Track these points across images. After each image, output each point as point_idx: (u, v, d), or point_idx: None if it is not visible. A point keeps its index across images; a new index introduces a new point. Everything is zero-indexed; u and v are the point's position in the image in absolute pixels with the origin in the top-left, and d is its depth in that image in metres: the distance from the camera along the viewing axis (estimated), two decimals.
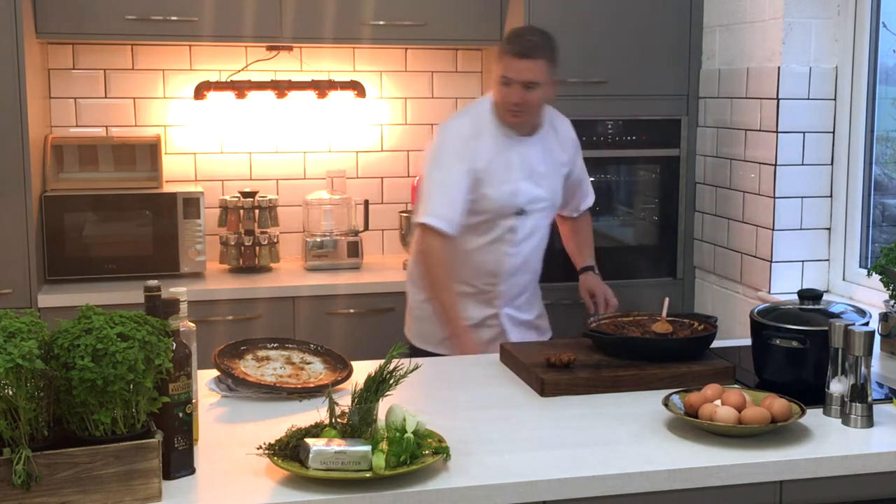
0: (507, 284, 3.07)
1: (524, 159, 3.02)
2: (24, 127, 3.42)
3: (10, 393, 1.61)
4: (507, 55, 2.93)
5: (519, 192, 3.00)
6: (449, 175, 2.94)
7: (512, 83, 2.92)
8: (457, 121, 3.10)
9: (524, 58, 2.91)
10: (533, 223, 3.06)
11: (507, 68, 2.92)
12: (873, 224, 3.45)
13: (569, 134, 3.20)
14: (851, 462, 1.96)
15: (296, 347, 2.52)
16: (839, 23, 3.41)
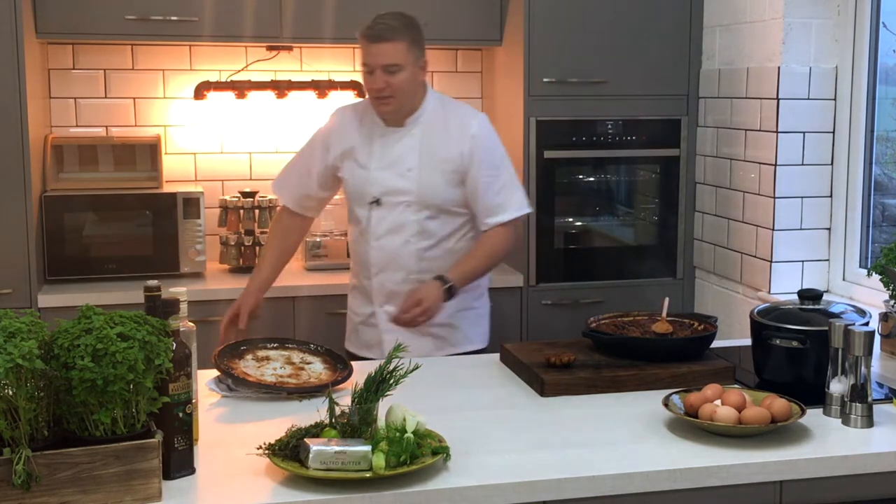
0: (377, 280, 2.97)
1: (388, 149, 2.92)
2: (24, 127, 3.42)
3: (10, 393, 1.61)
4: (363, 41, 2.85)
5: (374, 181, 2.92)
6: (300, 154, 3.09)
7: (373, 69, 2.83)
8: (341, 108, 3.08)
9: (379, 41, 2.82)
10: (396, 217, 2.91)
11: (366, 54, 2.85)
12: (873, 224, 3.45)
13: (467, 132, 2.92)
14: (851, 462, 1.96)
15: (296, 347, 2.52)
16: (839, 23, 3.41)
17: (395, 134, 2.93)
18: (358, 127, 2.97)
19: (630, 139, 3.92)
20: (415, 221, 2.91)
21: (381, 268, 2.96)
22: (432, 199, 2.91)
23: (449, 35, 3.95)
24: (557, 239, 3.94)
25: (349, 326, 3.12)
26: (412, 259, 2.93)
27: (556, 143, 3.86)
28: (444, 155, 2.90)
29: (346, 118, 3.01)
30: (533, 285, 3.88)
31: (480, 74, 4.34)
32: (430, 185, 2.90)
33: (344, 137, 2.97)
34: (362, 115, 2.98)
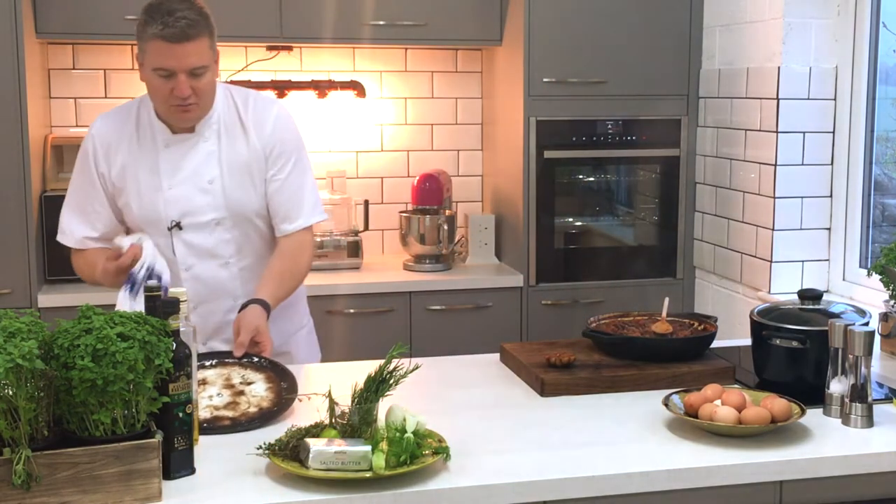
0: (196, 316, 2.49)
1: (180, 161, 2.48)
2: (24, 127, 3.42)
3: (10, 393, 1.61)
4: (158, 40, 2.32)
5: (169, 202, 2.48)
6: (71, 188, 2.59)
7: (175, 73, 2.34)
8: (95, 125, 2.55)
9: (183, 41, 2.32)
10: (205, 239, 2.51)
11: (166, 57, 2.33)
12: (873, 224, 3.45)
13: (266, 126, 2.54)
14: (851, 462, 1.96)
15: (236, 363, 2.27)
16: (839, 23, 3.41)
17: (186, 142, 2.49)
18: (130, 139, 2.49)
19: (630, 139, 3.92)
20: (230, 240, 2.53)
21: (200, 301, 2.52)
22: (244, 210, 2.52)
23: (449, 35, 3.96)
24: (557, 239, 3.94)
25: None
26: (237, 282, 2.56)
27: (556, 143, 3.87)
28: (244, 157, 2.52)
29: (110, 131, 2.51)
30: (533, 285, 3.89)
31: (480, 74, 4.34)
32: (239, 195, 2.51)
33: (113, 156, 2.49)
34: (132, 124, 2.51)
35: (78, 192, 2.56)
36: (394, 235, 4.26)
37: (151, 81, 2.40)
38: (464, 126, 4.36)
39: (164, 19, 2.33)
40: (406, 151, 4.32)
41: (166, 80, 2.37)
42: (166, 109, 2.44)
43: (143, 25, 2.37)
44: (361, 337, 3.74)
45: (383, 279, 3.87)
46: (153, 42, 2.34)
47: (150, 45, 2.35)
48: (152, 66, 2.37)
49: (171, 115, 2.45)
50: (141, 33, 2.38)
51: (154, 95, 2.43)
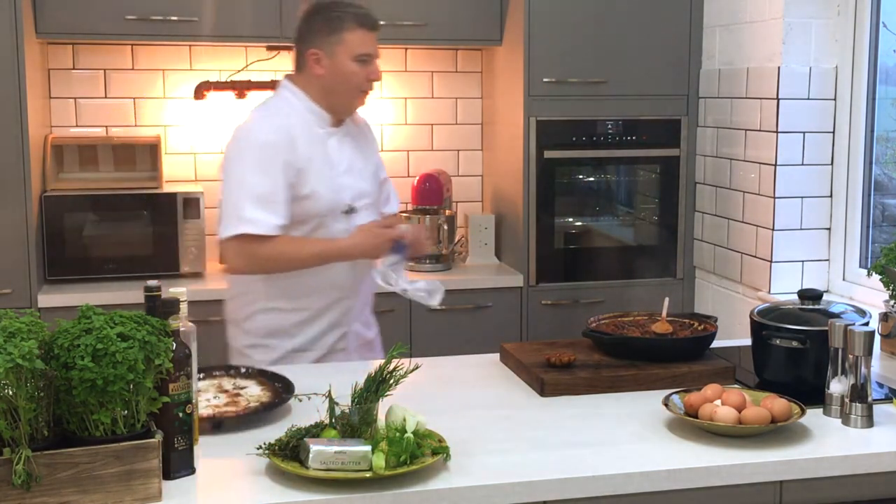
0: (355, 297, 2.76)
1: (341, 151, 2.72)
2: (24, 127, 3.42)
3: (10, 393, 1.61)
4: (361, 29, 2.65)
5: (344, 188, 2.69)
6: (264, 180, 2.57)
7: (371, 59, 2.67)
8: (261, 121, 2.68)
9: (377, 29, 2.69)
10: (364, 220, 2.73)
11: (367, 44, 2.65)
12: (873, 224, 3.45)
13: (367, 125, 2.90)
14: (851, 462, 1.96)
15: (224, 374, 2.31)
16: (839, 23, 3.41)
17: (337, 134, 2.74)
18: (303, 132, 2.66)
19: (630, 139, 3.92)
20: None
21: (358, 280, 2.76)
22: (374, 196, 2.83)
23: (449, 35, 3.96)
24: (557, 239, 3.94)
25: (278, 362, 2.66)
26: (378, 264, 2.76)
27: (556, 143, 3.87)
28: (367, 151, 2.84)
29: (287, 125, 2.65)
30: (533, 285, 3.89)
31: (480, 74, 4.34)
32: (375, 185, 2.84)
33: (296, 148, 2.62)
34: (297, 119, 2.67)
35: (260, 185, 2.58)
36: None
37: (347, 68, 2.65)
38: (464, 126, 4.36)
39: (357, 10, 2.67)
40: (406, 151, 4.32)
41: (363, 65, 2.66)
42: (354, 95, 2.70)
43: (336, 21, 2.64)
44: None
45: None
46: (355, 31, 2.64)
47: (350, 34, 2.64)
48: (354, 54, 2.64)
49: (354, 102, 2.73)
50: (334, 27, 2.64)
51: (348, 81, 2.67)
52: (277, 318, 2.70)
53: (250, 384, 2.27)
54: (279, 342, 2.70)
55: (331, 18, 2.65)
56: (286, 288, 2.68)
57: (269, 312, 2.71)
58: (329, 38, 2.64)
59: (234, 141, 2.66)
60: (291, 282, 2.67)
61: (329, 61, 2.65)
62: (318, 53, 2.66)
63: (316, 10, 2.70)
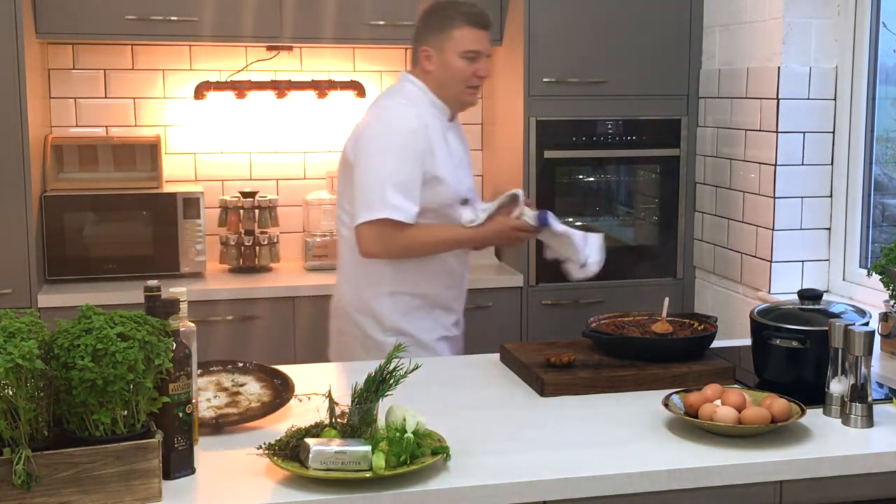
0: (464, 284, 2.95)
1: (455, 145, 2.87)
2: (24, 127, 3.42)
3: (10, 393, 1.61)
4: (470, 26, 2.77)
5: (461, 179, 2.85)
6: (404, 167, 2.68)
7: (479, 57, 2.80)
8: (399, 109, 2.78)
9: (487, 27, 2.81)
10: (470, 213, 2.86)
11: (476, 41, 2.78)
12: (873, 224, 3.45)
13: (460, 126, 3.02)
14: (851, 462, 1.96)
15: (222, 369, 2.27)
16: (839, 23, 3.41)
17: (454, 128, 2.90)
18: (432, 125, 2.78)
19: (630, 139, 3.92)
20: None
21: (467, 266, 2.96)
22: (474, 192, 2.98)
23: None
24: None
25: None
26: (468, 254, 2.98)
27: (556, 143, 3.86)
28: (467, 151, 2.99)
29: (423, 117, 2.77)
30: (533, 285, 3.89)
31: None
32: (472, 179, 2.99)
33: (429, 139, 2.75)
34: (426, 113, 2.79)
35: (401, 172, 2.68)
36: None
37: (454, 65, 2.77)
38: (464, 126, 4.34)
39: (468, 9, 2.77)
40: None
41: (471, 62, 2.77)
42: (463, 92, 2.81)
43: (446, 18, 2.77)
44: None
45: None
46: (464, 28, 2.75)
47: (459, 31, 2.75)
48: (461, 51, 2.76)
49: (464, 98, 2.83)
50: (444, 25, 2.76)
51: (455, 77, 2.78)
52: (403, 303, 2.81)
53: (249, 380, 2.25)
54: (406, 326, 2.79)
55: (441, 17, 2.78)
56: (411, 273, 2.79)
57: (396, 297, 2.81)
58: (439, 36, 2.77)
59: (373, 127, 2.75)
60: (415, 267, 2.79)
61: (438, 58, 2.78)
62: (428, 51, 2.79)
63: (429, 9, 2.84)
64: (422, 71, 2.83)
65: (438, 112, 2.82)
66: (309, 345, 3.70)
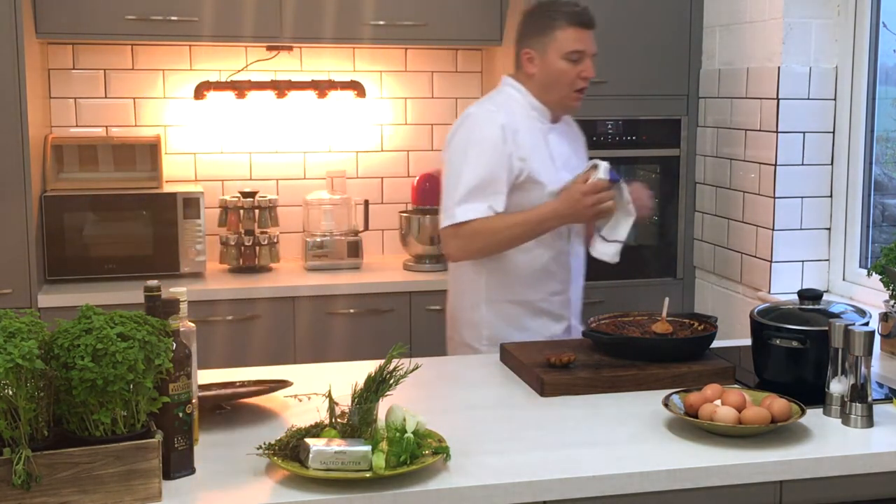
0: (573, 291, 2.85)
1: (559, 147, 2.80)
2: (24, 127, 3.42)
3: (10, 393, 1.61)
4: (574, 26, 2.69)
5: (562, 181, 2.73)
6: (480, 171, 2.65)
7: (583, 57, 2.71)
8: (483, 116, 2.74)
9: (591, 27, 2.72)
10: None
11: (578, 41, 2.69)
12: (873, 224, 3.45)
13: (570, 121, 2.96)
14: (851, 462, 1.96)
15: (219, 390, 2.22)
16: (839, 23, 3.41)
17: (556, 130, 2.82)
18: (525, 126, 2.73)
19: (630, 139, 3.92)
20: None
21: (577, 275, 2.87)
22: None
23: (449, 35, 3.96)
24: None
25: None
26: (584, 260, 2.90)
27: None
28: (580, 151, 2.93)
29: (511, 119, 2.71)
30: None
31: (480, 74, 4.34)
32: None
33: (520, 140, 2.70)
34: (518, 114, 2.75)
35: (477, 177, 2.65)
36: (394, 235, 4.26)
37: (557, 67, 2.70)
38: None
39: (570, 8, 2.70)
40: (406, 151, 4.32)
41: (574, 64, 2.70)
42: (567, 95, 2.74)
43: (547, 19, 2.71)
44: (361, 337, 3.73)
45: (383, 279, 3.87)
46: (567, 29, 2.68)
47: (561, 32, 2.69)
48: (564, 52, 2.69)
49: (568, 101, 2.76)
50: (545, 26, 2.70)
51: (559, 80, 2.72)
52: (503, 311, 2.79)
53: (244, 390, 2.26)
54: (508, 335, 2.75)
55: (543, 18, 2.72)
56: (505, 280, 2.77)
57: (494, 305, 2.79)
58: (541, 38, 2.71)
59: (456, 135, 2.75)
60: (509, 273, 2.76)
61: (540, 60, 2.72)
62: (530, 53, 2.74)
63: (531, 11, 2.79)
64: (524, 74, 2.77)
65: (538, 115, 2.77)
66: (309, 345, 3.71)
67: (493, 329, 2.79)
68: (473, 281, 2.81)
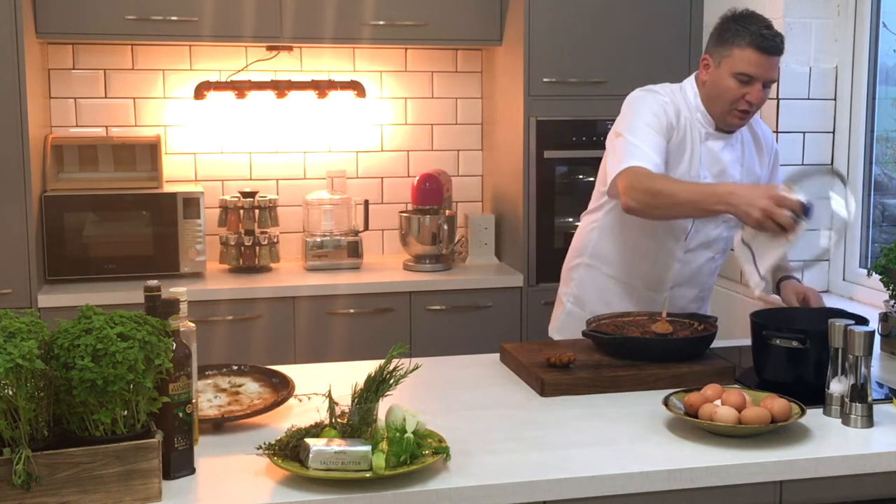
0: (670, 294, 2.79)
1: (715, 158, 2.71)
2: (24, 127, 3.42)
3: (10, 393, 1.61)
4: (754, 49, 2.57)
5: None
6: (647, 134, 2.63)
7: (753, 81, 2.59)
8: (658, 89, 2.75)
9: (775, 54, 2.59)
10: (711, 231, 2.75)
11: (753, 64, 2.58)
12: (873, 224, 3.45)
13: (771, 144, 2.85)
14: (851, 462, 1.96)
15: (217, 373, 2.27)
16: (839, 23, 3.41)
17: (721, 141, 2.72)
18: (684, 117, 2.69)
19: None
20: (726, 238, 2.77)
21: (679, 282, 2.80)
22: None
23: (449, 35, 3.96)
24: (557, 239, 3.93)
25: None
26: (709, 275, 2.84)
27: (556, 143, 3.87)
28: (758, 171, 2.79)
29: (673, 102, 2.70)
30: (533, 285, 3.89)
31: (480, 74, 4.34)
32: None
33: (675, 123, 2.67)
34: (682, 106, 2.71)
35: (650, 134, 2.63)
36: (394, 235, 4.26)
37: (725, 83, 2.62)
38: (464, 126, 4.36)
39: (763, 32, 2.58)
40: (406, 151, 4.32)
41: (743, 85, 2.59)
42: (727, 111, 2.65)
43: (732, 33, 2.61)
44: (361, 337, 3.74)
45: (383, 279, 3.87)
46: (745, 50, 2.57)
47: (739, 51, 2.58)
48: (735, 71, 2.59)
49: (728, 118, 2.66)
50: (731, 38, 2.60)
51: (722, 96, 2.63)
52: (595, 278, 2.86)
53: (246, 381, 2.26)
54: (590, 302, 2.84)
55: (731, 30, 2.63)
56: (607, 252, 2.83)
57: (591, 269, 2.87)
58: (720, 49, 2.64)
59: (627, 103, 2.78)
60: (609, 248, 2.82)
61: (713, 70, 2.66)
62: (707, 60, 2.69)
63: (726, 18, 2.69)
64: (699, 78, 2.73)
65: (702, 118, 2.71)
66: (309, 345, 3.71)
67: (582, 289, 2.89)
68: (585, 238, 2.90)
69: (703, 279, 2.85)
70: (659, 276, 2.80)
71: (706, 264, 2.81)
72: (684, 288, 2.82)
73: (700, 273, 2.82)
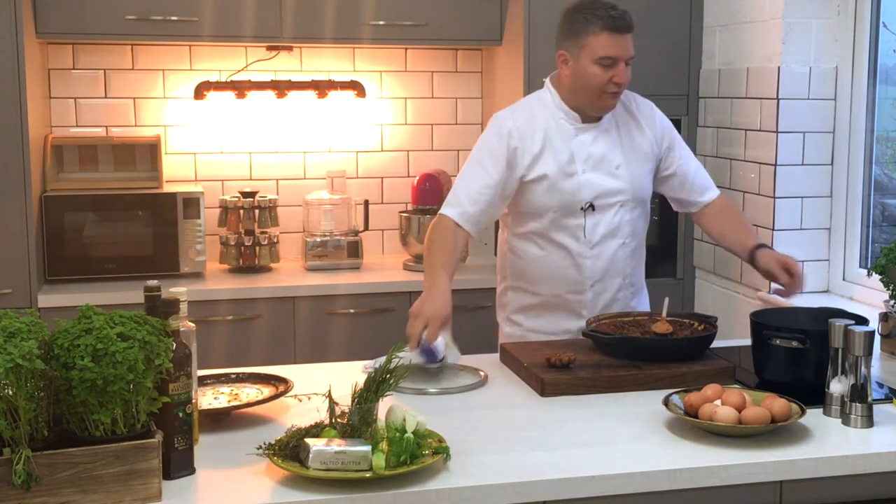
0: (592, 292, 2.79)
1: (591, 147, 2.73)
2: (24, 127, 3.42)
3: (10, 393, 1.61)
4: (606, 32, 2.62)
5: (584, 186, 2.71)
6: (478, 171, 2.71)
7: (616, 62, 2.63)
8: (498, 118, 2.78)
9: (626, 32, 2.64)
10: (611, 220, 2.75)
11: (612, 46, 2.62)
12: (873, 224, 3.45)
13: (651, 117, 2.88)
14: (851, 462, 1.96)
15: (216, 381, 2.28)
16: (839, 23, 3.41)
17: (592, 131, 2.75)
18: (544, 128, 2.73)
19: None
20: (629, 221, 2.78)
21: (597, 278, 2.78)
22: (642, 194, 2.80)
23: (449, 35, 3.96)
24: None
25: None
26: (626, 262, 2.81)
27: None
28: (645, 148, 2.80)
29: (520, 124, 2.73)
30: None
31: (480, 74, 4.34)
32: (640, 180, 2.78)
33: (528, 145, 2.71)
34: (541, 116, 2.75)
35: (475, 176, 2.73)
36: (394, 235, 4.26)
37: (589, 71, 2.65)
38: (464, 126, 4.36)
39: (612, 13, 2.64)
40: (406, 151, 4.32)
41: (607, 69, 2.64)
42: (597, 97, 2.68)
43: (581, 23, 2.65)
44: (361, 337, 3.74)
45: (383, 279, 3.87)
46: (600, 34, 2.63)
47: (594, 37, 2.63)
48: (596, 57, 2.64)
49: (599, 103, 2.70)
50: (579, 30, 2.65)
51: (589, 84, 2.67)
52: (521, 298, 2.87)
53: (245, 385, 2.27)
54: (524, 320, 2.86)
55: (578, 20, 2.67)
56: (523, 271, 2.84)
57: (516, 291, 2.89)
58: (575, 41, 2.67)
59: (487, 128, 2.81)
60: (523, 267, 2.83)
61: (573, 63, 2.69)
62: (564, 55, 2.71)
63: (568, 11, 2.72)
64: (558, 75, 2.76)
65: (566, 116, 2.74)
66: (309, 345, 3.71)
67: (515, 312, 2.90)
68: (502, 264, 2.93)
69: (621, 266, 2.80)
70: (575, 278, 2.78)
71: (618, 251, 2.78)
72: (605, 281, 2.80)
73: (615, 261, 2.79)
